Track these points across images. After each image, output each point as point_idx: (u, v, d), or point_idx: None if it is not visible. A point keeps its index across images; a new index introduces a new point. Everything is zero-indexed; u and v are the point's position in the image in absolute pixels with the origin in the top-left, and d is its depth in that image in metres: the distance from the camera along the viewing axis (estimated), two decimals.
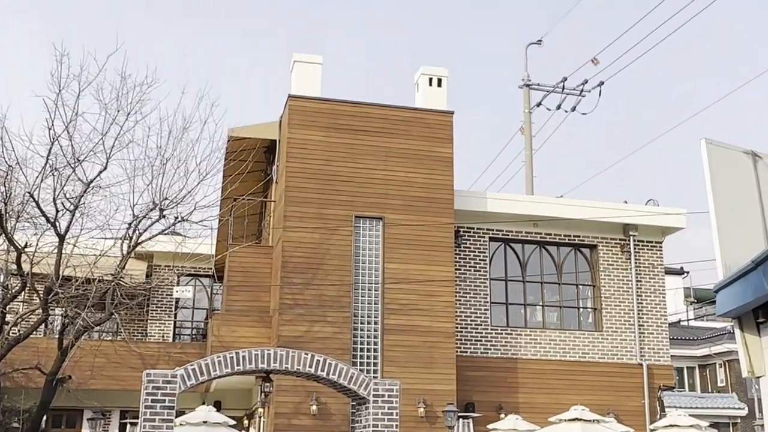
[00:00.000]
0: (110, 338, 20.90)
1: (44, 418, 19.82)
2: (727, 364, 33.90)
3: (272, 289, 17.33)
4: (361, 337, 16.63)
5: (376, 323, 16.74)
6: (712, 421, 25.92)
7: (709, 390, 34.75)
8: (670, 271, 29.20)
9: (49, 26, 65.01)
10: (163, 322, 22.90)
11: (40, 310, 15.77)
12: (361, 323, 16.70)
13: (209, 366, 11.59)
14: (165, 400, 11.14)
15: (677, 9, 19.21)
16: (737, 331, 7.54)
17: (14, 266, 15.43)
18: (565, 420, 14.86)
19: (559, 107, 26.37)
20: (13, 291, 16.08)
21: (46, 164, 14.86)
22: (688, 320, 38.28)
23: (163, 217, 15.14)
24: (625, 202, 19.87)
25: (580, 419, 14.62)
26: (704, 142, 8.05)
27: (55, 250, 15.33)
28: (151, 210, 15.16)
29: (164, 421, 11.07)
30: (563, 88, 26.05)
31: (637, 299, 19.27)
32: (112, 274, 15.24)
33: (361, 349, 16.59)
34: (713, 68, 70.49)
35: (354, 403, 12.85)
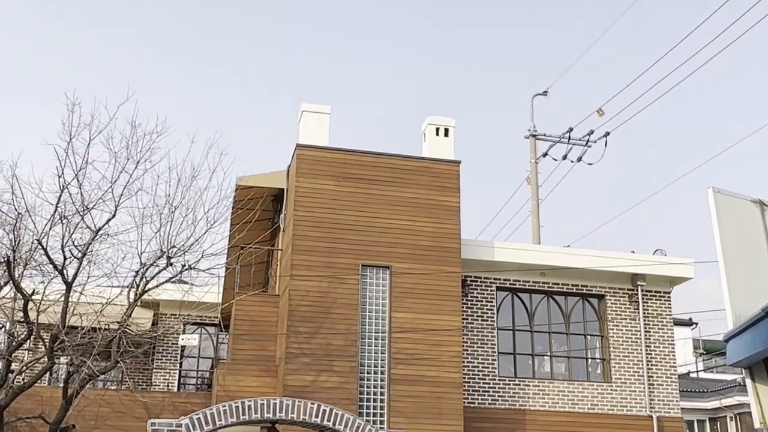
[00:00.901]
0: (115, 387, 20.78)
1: None
2: (738, 417, 33.42)
3: (278, 338, 17.25)
4: (367, 387, 16.49)
5: (382, 373, 16.61)
6: None
7: None
8: (678, 322, 29.03)
9: (60, 75, 65.95)
10: (168, 371, 22.74)
11: (45, 359, 15.70)
12: (368, 373, 16.57)
13: (214, 415, 11.52)
14: None
15: (681, 60, 19.40)
16: (748, 381, 7.46)
17: (21, 314, 15.40)
18: None
19: (565, 157, 26.51)
20: (19, 339, 16.02)
21: (55, 212, 14.94)
22: (697, 372, 37.89)
23: (171, 264, 15.15)
24: (633, 252, 19.84)
25: None
26: (711, 190, 8.06)
27: (62, 298, 15.32)
28: (159, 258, 15.17)
29: None
30: (569, 138, 26.21)
31: (646, 350, 19.11)
32: (118, 322, 15.20)
33: (368, 399, 16.43)
34: (721, 115, 70.90)
35: None
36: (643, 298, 19.36)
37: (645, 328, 19.26)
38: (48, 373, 19.35)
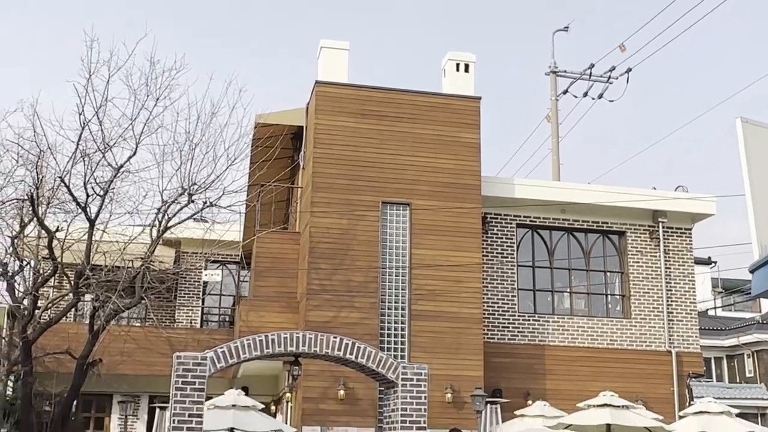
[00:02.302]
0: (139, 324, 21.10)
1: (75, 401, 20.07)
2: (755, 354, 33.57)
3: (300, 274, 17.38)
4: (388, 322, 16.64)
5: (403, 309, 16.74)
6: (740, 411, 25.67)
7: (737, 380, 34.44)
8: (698, 261, 28.91)
9: (78, 14, 65.54)
10: (191, 308, 23.05)
11: (71, 295, 15.93)
12: (389, 309, 16.70)
13: (238, 349, 11.64)
14: (195, 382, 11.20)
15: None
16: None
17: (45, 251, 15.57)
18: (593, 406, 14.74)
19: (585, 94, 26.19)
20: (45, 275, 16.23)
21: (76, 149, 15.00)
22: (716, 310, 37.96)
23: (192, 202, 15.23)
24: (654, 189, 19.70)
25: (609, 405, 14.49)
26: (740, 121, 7.94)
27: (86, 236, 15.47)
28: (180, 195, 15.25)
29: (194, 403, 11.14)
30: (590, 75, 25.85)
31: (666, 286, 19.12)
32: (141, 259, 15.35)
33: (389, 335, 16.60)
34: (746, 50, 69.59)
35: (382, 388, 12.86)
36: (663, 235, 19.30)
37: (665, 264, 19.23)
38: (74, 309, 19.67)
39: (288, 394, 17.29)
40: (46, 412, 17.10)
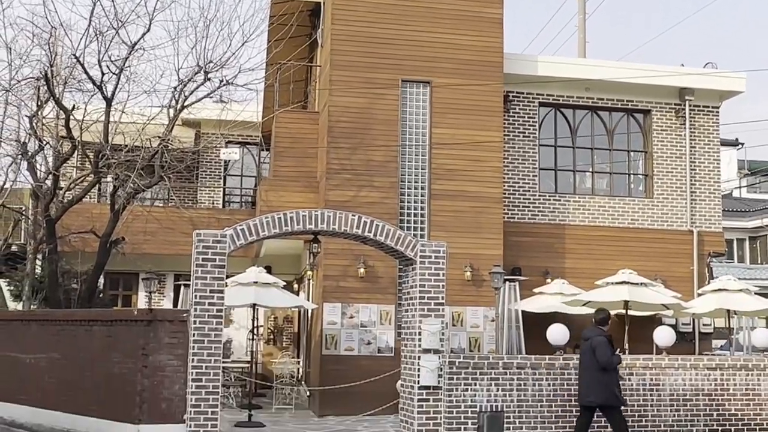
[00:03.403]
0: (162, 204, 21.29)
1: (101, 279, 20.51)
2: None
3: (319, 154, 17.29)
4: (408, 202, 16.63)
5: (423, 188, 16.69)
6: (760, 291, 25.81)
7: (759, 262, 34.49)
8: (724, 143, 28.46)
9: None
10: (212, 189, 23.18)
11: (92, 175, 16.01)
12: (408, 188, 16.65)
13: (258, 226, 11.70)
14: (216, 259, 11.34)
15: None
16: None
17: (64, 131, 15.56)
18: (612, 283, 14.85)
19: None
20: (64, 154, 16.29)
21: (89, 26, 14.72)
22: (740, 191, 37.67)
23: (208, 80, 15.02)
24: (682, 65, 19.15)
25: (628, 282, 14.60)
26: None
27: (103, 116, 15.40)
28: (196, 73, 15.03)
29: (215, 279, 11.30)
30: None
31: (691, 165, 18.86)
32: (159, 137, 15.30)
33: (408, 214, 16.61)
34: None
35: (401, 266, 12.96)
36: (690, 113, 18.88)
37: (690, 143, 18.91)
38: (98, 190, 19.84)
39: (309, 273, 17.53)
40: (74, 289, 17.52)
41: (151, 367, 11.10)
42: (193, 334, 11.06)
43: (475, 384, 11.76)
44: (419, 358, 11.71)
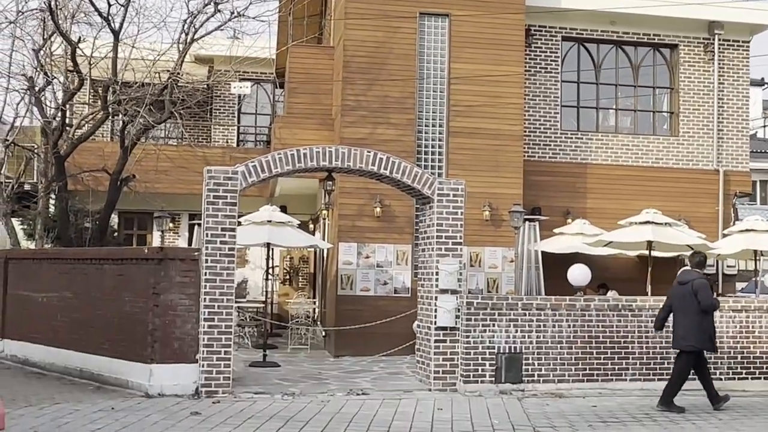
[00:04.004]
0: (175, 143, 20.98)
1: (115, 218, 20.35)
2: None
3: (334, 90, 16.82)
4: (425, 140, 16.18)
5: (441, 126, 16.22)
6: None
7: None
8: (750, 82, 27.62)
9: None
10: (226, 127, 22.80)
11: (101, 112, 15.66)
12: (426, 126, 16.19)
13: (270, 163, 11.36)
14: (227, 196, 11.04)
15: None
16: None
17: (71, 64, 15.17)
18: (635, 223, 14.43)
19: None
20: (72, 89, 15.92)
21: None
22: (765, 130, 36.83)
23: (219, 11, 14.51)
24: None
25: (652, 222, 14.17)
26: None
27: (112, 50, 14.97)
28: (206, 5, 14.51)
29: (227, 217, 11.02)
30: None
31: (718, 102, 18.22)
32: (168, 71, 14.87)
33: (426, 152, 16.18)
34: None
35: (418, 205, 12.62)
36: (719, 48, 18.18)
37: (719, 80, 18.24)
38: (110, 129, 19.52)
39: (324, 212, 17.22)
40: (87, 228, 17.33)
41: (162, 306, 10.89)
42: (205, 273, 10.83)
43: (494, 325, 11.49)
44: (436, 298, 11.45)
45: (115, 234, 19.74)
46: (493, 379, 11.41)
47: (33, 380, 12.12)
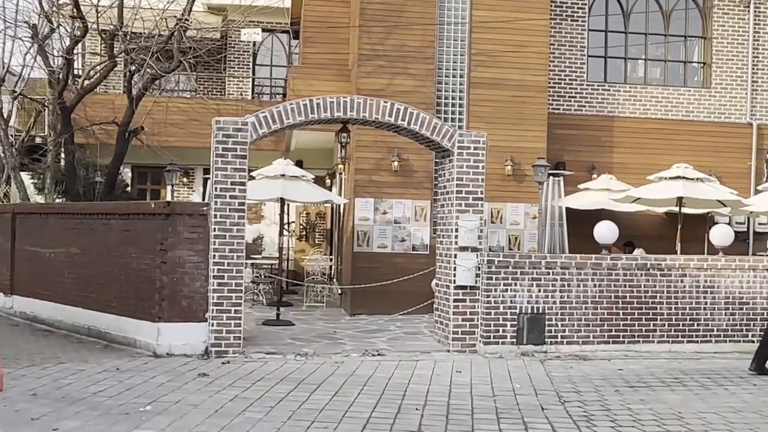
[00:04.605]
0: (189, 96, 20.44)
1: (129, 173, 19.95)
2: None
3: (351, 39, 16.16)
4: (445, 91, 15.53)
5: (461, 76, 15.55)
6: None
7: None
8: None
9: None
10: (241, 80, 22.20)
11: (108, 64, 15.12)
12: (446, 76, 15.52)
13: (282, 113, 10.81)
14: (236, 148, 10.54)
15: None
16: None
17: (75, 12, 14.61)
18: (666, 178, 13.77)
19: None
20: (76, 37, 15.37)
21: None
22: None
23: None
24: None
25: (683, 177, 13.51)
26: None
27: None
28: None
29: (236, 171, 10.53)
30: None
31: (753, 53, 17.39)
32: (176, 17, 14.27)
33: (446, 104, 15.55)
34: None
35: (437, 158, 12.05)
36: None
37: (754, 28, 17.39)
38: (122, 81, 18.97)
39: (341, 166, 16.69)
40: (99, 183, 16.91)
41: (170, 263, 10.46)
42: (214, 229, 10.37)
43: (515, 284, 10.98)
44: (455, 256, 10.94)
45: (128, 188, 19.34)
46: (515, 340, 10.94)
47: (40, 338, 11.80)
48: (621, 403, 8.18)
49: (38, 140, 19.25)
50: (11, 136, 17.57)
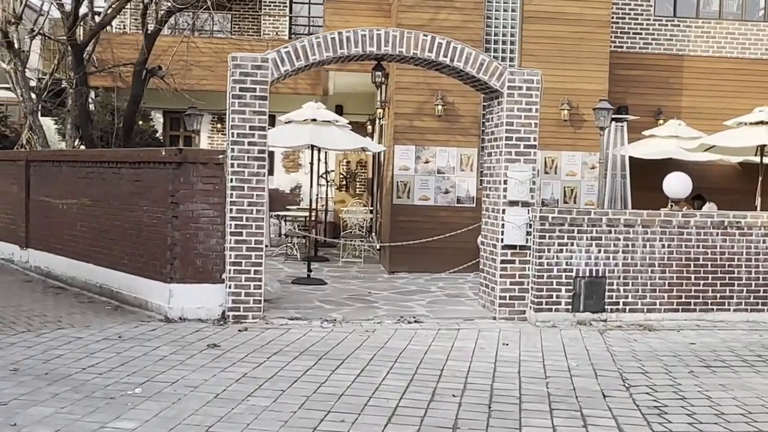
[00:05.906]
0: (221, 36, 19.23)
1: (156, 117, 18.89)
2: None
3: None
4: (495, 26, 14.02)
5: (513, 10, 14.01)
6: None
7: None
8: None
9: None
10: (277, 18, 20.86)
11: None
12: (496, 10, 14.00)
13: (306, 48, 9.52)
14: (255, 89, 9.32)
15: None
16: None
17: None
18: (746, 123, 12.17)
19: None
20: None
21: None
22: None
23: None
24: None
25: (766, 123, 11.89)
26: None
27: None
28: None
29: (256, 114, 9.33)
30: None
31: None
32: None
33: (495, 42, 14.05)
34: None
35: (485, 101, 10.67)
36: None
37: None
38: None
39: (380, 111, 15.37)
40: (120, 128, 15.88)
41: (182, 217, 9.36)
42: (231, 180, 9.23)
43: (572, 244, 9.64)
44: (504, 211, 9.64)
45: (157, 134, 18.29)
46: (570, 307, 9.65)
47: (49, 297, 10.87)
48: (698, 390, 6.88)
49: (64, 84, 18.24)
50: (35, 78, 16.59)
